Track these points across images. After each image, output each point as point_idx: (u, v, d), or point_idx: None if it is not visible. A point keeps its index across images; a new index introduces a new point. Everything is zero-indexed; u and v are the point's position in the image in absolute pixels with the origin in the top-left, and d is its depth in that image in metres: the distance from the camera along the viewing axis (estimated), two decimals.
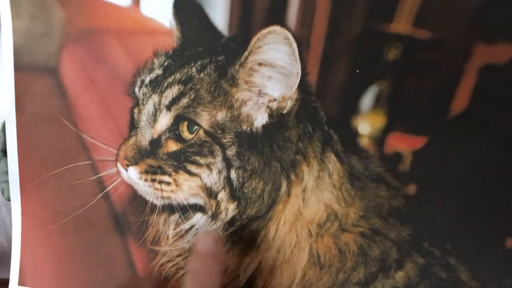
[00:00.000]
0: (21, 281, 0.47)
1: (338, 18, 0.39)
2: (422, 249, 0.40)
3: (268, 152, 0.39)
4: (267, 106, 0.39)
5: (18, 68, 0.45)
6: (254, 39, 0.37)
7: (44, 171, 0.46)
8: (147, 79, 0.41)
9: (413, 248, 0.40)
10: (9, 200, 0.48)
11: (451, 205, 0.39)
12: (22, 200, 0.47)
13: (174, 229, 0.43)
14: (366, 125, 0.40)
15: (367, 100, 0.40)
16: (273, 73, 0.38)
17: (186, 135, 0.39)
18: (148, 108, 0.40)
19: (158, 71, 0.41)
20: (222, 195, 0.40)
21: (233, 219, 0.40)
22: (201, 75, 0.39)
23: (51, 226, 0.46)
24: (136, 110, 0.42)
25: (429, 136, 0.39)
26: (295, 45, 0.36)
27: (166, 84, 0.40)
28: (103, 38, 0.45)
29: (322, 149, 0.40)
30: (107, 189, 0.44)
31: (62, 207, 0.46)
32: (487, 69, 0.37)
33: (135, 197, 0.43)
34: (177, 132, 0.39)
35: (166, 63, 0.41)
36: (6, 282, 0.48)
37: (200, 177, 0.40)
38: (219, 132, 0.39)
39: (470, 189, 0.39)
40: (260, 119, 0.39)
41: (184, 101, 0.39)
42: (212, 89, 0.39)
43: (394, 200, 0.41)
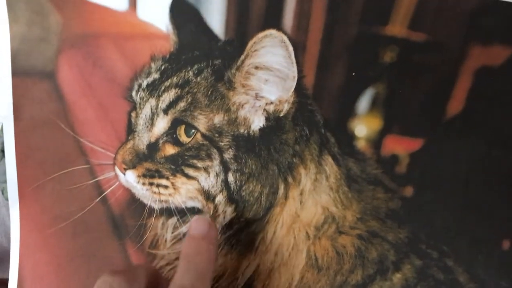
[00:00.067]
0: (20, 286, 0.47)
1: (334, 22, 0.40)
2: (420, 251, 0.40)
3: (266, 155, 0.39)
4: (264, 109, 0.39)
5: (16, 73, 0.45)
6: (251, 43, 0.37)
7: (42, 175, 0.46)
8: (144, 83, 0.41)
9: (411, 250, 0.40)
10: None
11: (448, 207, 0.39)
12: (20, 204, 0.47)
13: (172, 233, 0.43)
14: (363, 128, 0.41)
15: (364, 103, 0.40)
16: (270, 76, 0.38)
17: (184, 139, 0.39)
18: (146, 112, 0.40)
19: (155, 75, 0.41)
20: (220, 198, 0.40)
21: (231, 222, 0.40)
22: (198, 79, 0.40)
23: (50, 230, 0.46)
24: (134, 114, 0.42)
25: (426, 138, 0.40)
26: (291, 49, 0.37)
27: (163, 88, 0.40)
28: (100, 43, 0.45)
29: (319, 152, 0.40)
30: (105, 193, 0.44)
31: (60, 211, 0.46)
32: (483, 71, 0.37)
33: (133, 201, 0.43)
34: (175, 136, 0.39)
35: (163, 67, 0.41)
36: (6, 282, 0.48)
37: (198, 181, 0.40)
38: (216, 136, 0.39)
39: (467, 191, 0.39)
40: (257, 122, 0.39)
41: (181, 105, 0.39)
42: (209, 93, 0.39)
43: (391, 202, 0.41)
